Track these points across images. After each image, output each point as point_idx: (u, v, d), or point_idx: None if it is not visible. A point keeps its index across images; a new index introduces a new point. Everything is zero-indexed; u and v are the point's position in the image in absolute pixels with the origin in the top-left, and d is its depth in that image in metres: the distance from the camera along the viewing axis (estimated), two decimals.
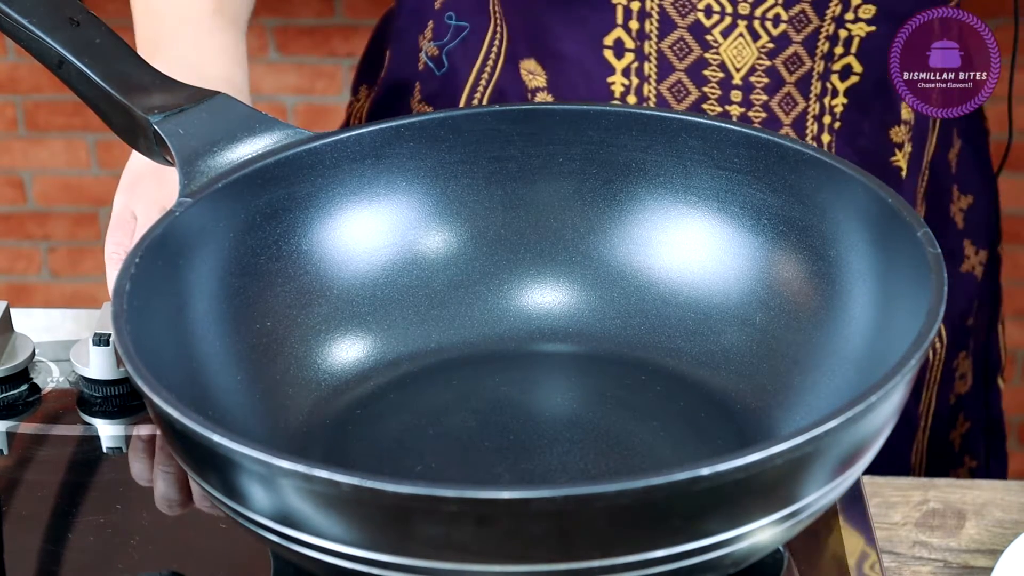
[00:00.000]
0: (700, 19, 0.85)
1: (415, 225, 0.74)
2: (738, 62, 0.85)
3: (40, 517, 0.70)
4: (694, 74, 0.87)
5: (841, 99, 0.88)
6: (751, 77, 0.86)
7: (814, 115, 0.88)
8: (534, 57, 0.90)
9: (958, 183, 1.01)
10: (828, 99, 0.87)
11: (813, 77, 0.86)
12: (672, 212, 0.73)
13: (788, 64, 0.86)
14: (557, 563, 0.51)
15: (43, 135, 2.27)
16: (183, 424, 0.53)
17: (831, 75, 0.87)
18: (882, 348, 0.61)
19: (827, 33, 0.85)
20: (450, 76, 0.94)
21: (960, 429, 1.05)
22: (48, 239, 2.32)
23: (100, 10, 0.89)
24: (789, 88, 0.86)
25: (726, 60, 0.85)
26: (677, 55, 0.86)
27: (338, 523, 0.52)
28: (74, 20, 0.74)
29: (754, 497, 0.52)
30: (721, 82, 0.86)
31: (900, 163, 0.92)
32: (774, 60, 0.85)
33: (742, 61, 0.85)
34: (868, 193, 0.65)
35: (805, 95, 0.87)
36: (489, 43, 0.92)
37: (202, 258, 0.67)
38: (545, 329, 0.74)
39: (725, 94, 0.87)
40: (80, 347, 0.79)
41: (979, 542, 0.75)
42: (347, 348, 0.72)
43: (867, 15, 0.85)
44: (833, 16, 0.84)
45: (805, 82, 0.86)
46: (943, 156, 0.98)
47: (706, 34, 0.86)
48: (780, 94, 0.87)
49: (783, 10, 0.84)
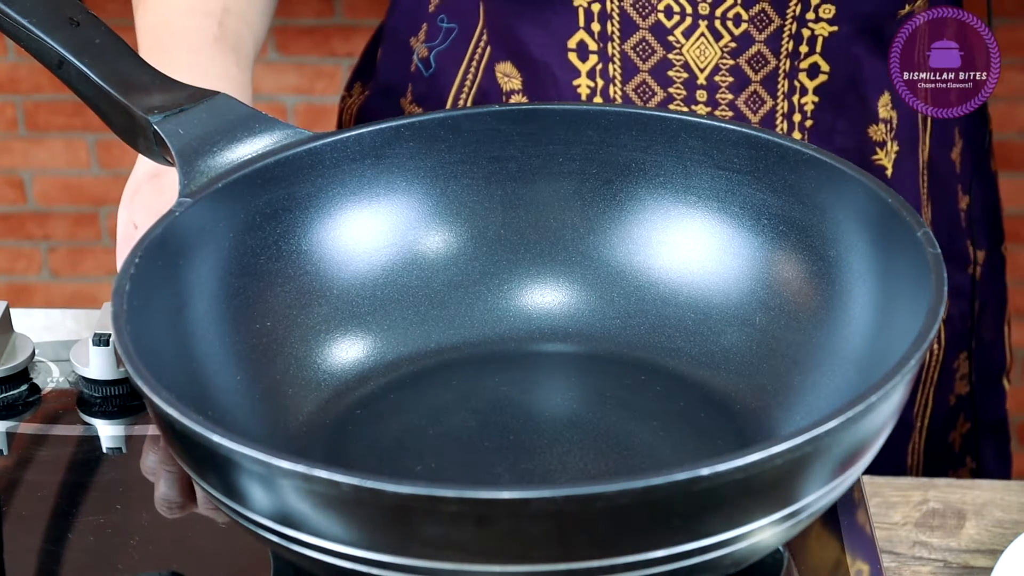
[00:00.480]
0: (661, 20, 0.85)
1: (415, 225, 0.74)
2: (701, 62, 0.86)
3: (40, 517, 0.70)
4: (658, 75, 0.87)
5: (811, 97, 0.88)
6: (715, 77, 0.86)
7: (783, 113, 0.88)
8: (510, 60, 0.90)
9: (961, 183, 1.00)
10: (797, 97, 0.87)
11: (779, 75, 0.86)
12: (672, 212, 0.73)
13: (752, 63, 0.86)
14: (557, 563, 0.51)
15: (43, 135, 2.27)
16: (183, 424, 0.53)
17: (799, 73, 0.87)
18: (882, 348, 0.61)
19: (790, 32, 0.85)
20: (437, 77, 0.95)
21: (960, 430, 1.05)
22: (48, 239, 2.32)
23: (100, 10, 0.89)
24: (755, 87, 0.87)
25: (689, 60, 0.86)
26: (640, 56, 0.86)
27: (338, 523, 0.52)
28: (74, 20, 0.74)
29: (754, 497, 0.52)
30: (686, 82, 0.87)
31: (883, 162, 0.91)
32: (738, 59, 0.86)
33: (705, 61, 0.86)
34: (868, 193, 0.65)
35: (772, 93, 0.87)
36: (475, 45, 0.93)
37: (202, 258, 0.67)
38: (545, 329, 0.74)
39: (691, 94, 0.87)
40: (80, 347, 0.79)
41: (979, 542, 0.75)
42: (347, 348, 0.72)
43: (827, 15, 0.85)
44: (794, 15, 0.84)
45: (771, 80, 0.87)
46: (946, 155, 0.98)
47: (668, 35, 0.86)
48: (746, 93, 0.87)
49: (743, 10, 0.84)
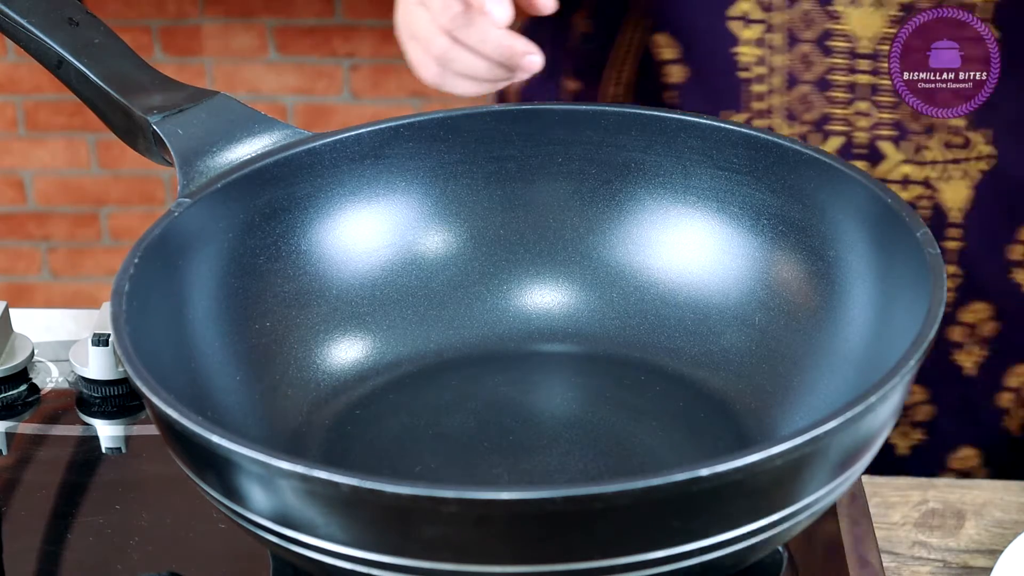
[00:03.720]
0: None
1: (414, 225, 0.74)
2: (864, 31, 0.85)
3: (40, 517, 0.70)
4: (820, 44, 0.87)
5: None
6: (878, 46, 0.86)
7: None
8: (667, 29, 0.90)
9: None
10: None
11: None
12: (671, 212, 0.73)
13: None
14: (556, 563, 0.51)
15: (43, 135, 2.27)
16: (182, 425, 0.53)
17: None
18: (882, 348, 0.61)
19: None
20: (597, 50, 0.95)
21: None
22: (48, 239, 2.33)
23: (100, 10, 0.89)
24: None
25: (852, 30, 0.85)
26: (803, 24, 0.86)
27: (337, 524, 0.52)
28: (73, 20, 0.74)
29: (754, 498, 0.52)
30: (847, 52, 0.86)
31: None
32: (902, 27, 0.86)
33: (869, 29, 0.85)
34: (867, 193, 0.65)
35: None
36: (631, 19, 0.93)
37: (201, 258, 0.67)
38: (545, 329, 0.74)
39: (852, 64, 0.86)
40: (79, 347, 0.79)
41: (978, 542, 0.75)
42: (346, 348, 0.72)
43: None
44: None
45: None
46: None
47: (829, 4, 0.86)
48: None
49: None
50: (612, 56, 0.96)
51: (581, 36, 0.97)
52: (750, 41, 0.88)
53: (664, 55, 0.91)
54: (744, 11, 0.88)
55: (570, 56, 0.98)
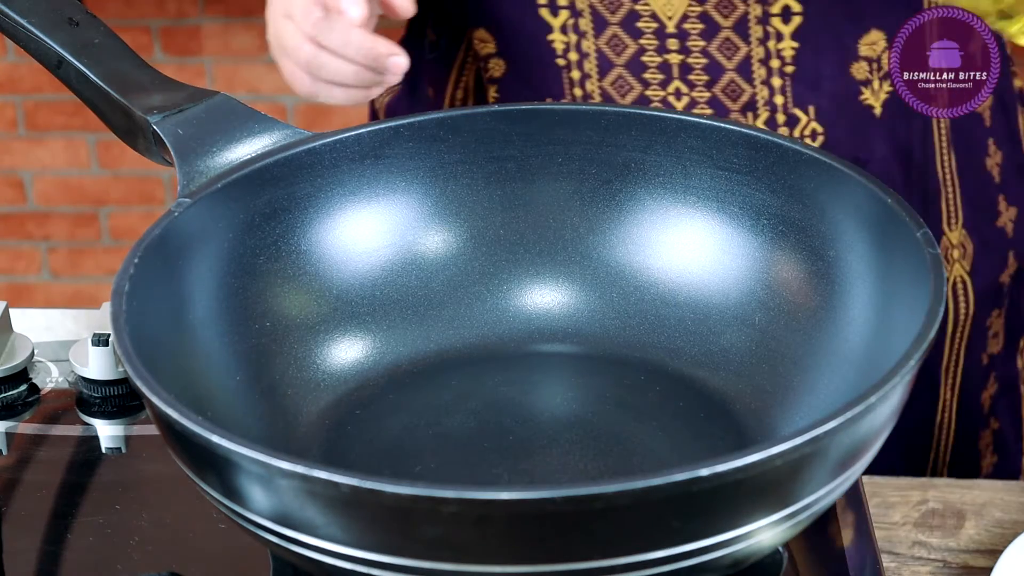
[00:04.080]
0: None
1: (414, 225, 0.74)
2: (668, 11, 0.86)
3: (39, 517, 0.70)
4: (628, 27, 0.87)
5: (789, 43, 0.88)
6: (684, 24, 0.86)
7: (759, 59, 0.88)
8: (482, 25, 0.91)
9: (994, 137, 1.00)
10: (773, 43, 0.87)
11: (751, 20, 0.86)
12: (671, 212, 0.73)
13: (721, 8, 0.86)
14: (556, 564, 0.51)
15: (43, 135, 2.27)
16: (182, 425, 0.53)
17: (771, 18, 0.87)
18: (881, 348, 0.61)
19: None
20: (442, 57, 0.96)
21: (990, 390, 1.04)
22: (48, 239, 2.33)
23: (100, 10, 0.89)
24: (727, 33, 0.87)
25: (656, 10, 0.86)
26: (609, 8, 0.86)
27: (337, 524, 0.52)
28: (73, 20, 0.74)
29: (754, 497, 0.52)
30: (656, 32, 0.87)
31: (870, 101, 0.91)
32: (704, 5, 0.86)
33: (672, 9, 0.86)
34: (867, 193, 0.65)
35: (745, 39, 0.87)
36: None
37: (201, 258, 0.67)
38: (545, 329, 0.74)
39: (662, 43, 0.87)
40: (79, 347, 0.79)
41: (978, 542, 0.75)
42: (346, 348, 0.72)
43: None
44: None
45: (743, 26, 0.87)
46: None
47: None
48: (718, 40, 0.87)
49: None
50: (457, 60, 0.96)
51: (430, 45, 0.98)
52: (561, 28, 0.88)
53: (485, 50, 0.91)
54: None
55: (425, 66, 0.99)
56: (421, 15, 0.98)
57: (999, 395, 1.05)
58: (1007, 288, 1.02)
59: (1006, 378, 1.06)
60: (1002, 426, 1.06)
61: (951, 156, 0.96)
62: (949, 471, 1.04)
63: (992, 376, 1.04)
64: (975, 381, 1.03)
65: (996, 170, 1.00)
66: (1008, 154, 1.01)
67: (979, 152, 0.99)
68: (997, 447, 1.06)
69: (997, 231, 1.00)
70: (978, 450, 1.05)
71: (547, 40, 0.88)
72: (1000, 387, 1.05)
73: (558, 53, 0.88)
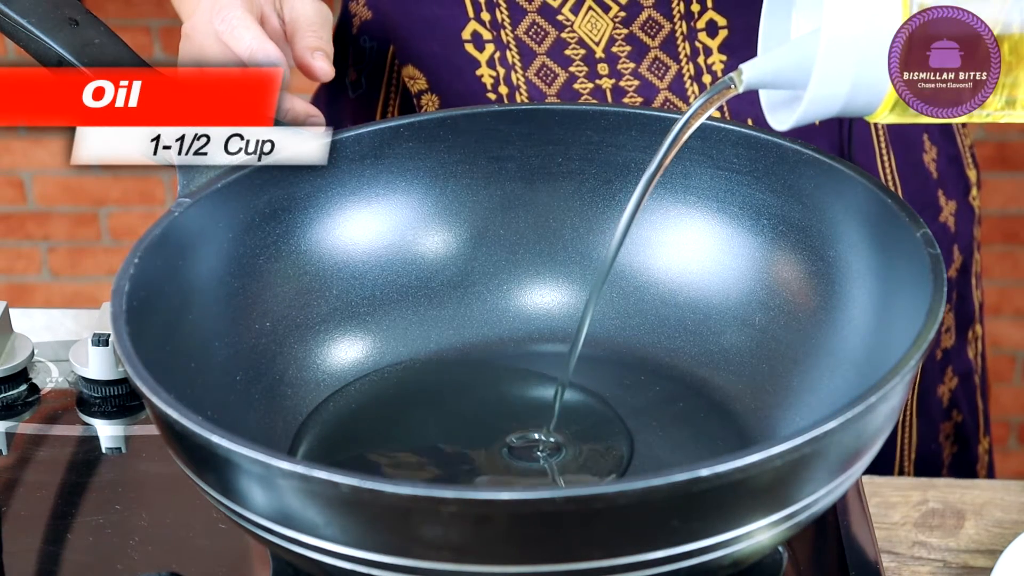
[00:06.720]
0: (547, 1, 0.85)
1: (414, 225, 0.74)
2: (595, 36, 0.86)
3: (39, 517, 0.70)
4: (556, 55, 0.87)
5: (718, 56, 0.87)
6: (612, 48, 0.86)
7: (690, 76, 0.87)
8: (410, 62, 0.91)
9: (928, 133, 1.00)
10: (703, 59, 0.87)
11: (678, 38, 0.86)
12: (672, 212, 0.73)
13: (647, 29, 0.86)
14: (556, 564, 0.51)
15: (43, 135, 2.27)
16: (182, 424, 0.53)
17: (697, 33, 0.87)
18: (881, 348, 0.61)
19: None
20: (364, 97, 0.96)
21: (948, 384, 1.05)
22: (48, 239, 2.33)
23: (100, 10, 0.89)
24: (655, 52, 0.86)
25: (583, 36, 0.86)
26: (535, 39, 0.86)
27: (337, 524, 0.52)
28: (73, 20, 0.74)
29: (754, 498, 0.52)
30: (585, 58, 0.87)
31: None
32: (631, 27, 0.85)
33: (598, 34, 0.86)
34: (867, 193, 0.65)
35: (674, 57, 0.87)
36: (391, 59, 0.93)
37: (202, 258, 0.67)
38: (545, 329, 0.74)
39: (592, 69, 0.87)
40: (79, 347, 0.79)
41: (978, 542, 0.75)
42: (346, 348, 0.72)
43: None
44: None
45: (671, 44, 0.86)
46: None
47: (556, 14, 0.86)
48: (647, 60, 0.86)
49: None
50: (379, 99, 0.96)
51: (351, 85, 0.97)
52: (487, 62, 0.88)
53: (416, 86, 0.91)
54: (473, 32, 0.88)
55: (348, 105, 0.98)
56: (340, 55, 0.97)
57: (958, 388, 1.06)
58: (954, 282, 1.03)
59: (962, 371, 1.06)
60: (964, 418, 1.06)
61: (890, 156, 0.97)
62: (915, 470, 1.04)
63: (949, 370, 1.04)
64: (931, 376, 1.03)
65: (932, 166, 1.00)
66: (943, 148, 1.01)
67: (916, 150, 0.99)
68: (957, 438, 1.06)
69: (940, 227, 1.01)
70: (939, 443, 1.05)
71: (476, 75, 0.88)
72: (959, 381, 1.05)
73: (488, 88, 0.88)
